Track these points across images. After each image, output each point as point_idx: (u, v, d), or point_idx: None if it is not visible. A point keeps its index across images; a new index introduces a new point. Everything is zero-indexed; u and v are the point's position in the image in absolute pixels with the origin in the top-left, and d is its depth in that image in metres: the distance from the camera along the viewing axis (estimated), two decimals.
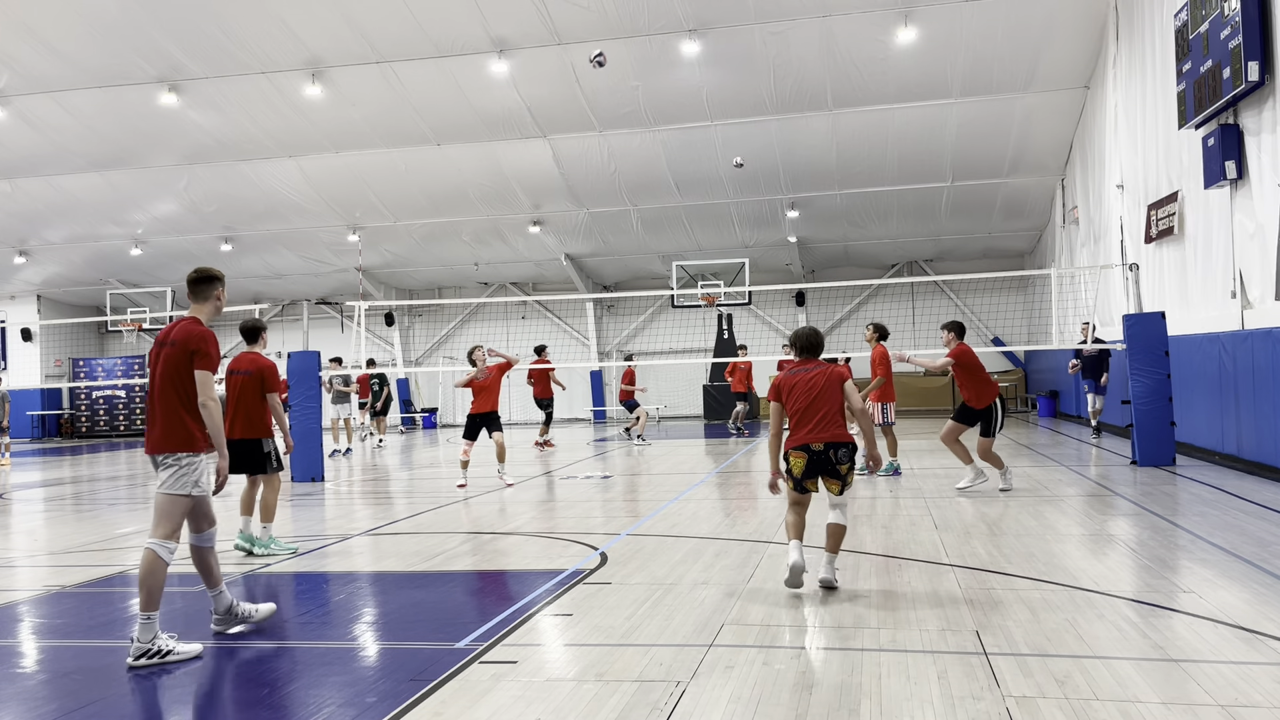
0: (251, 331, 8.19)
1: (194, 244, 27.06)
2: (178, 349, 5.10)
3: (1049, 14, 16.71)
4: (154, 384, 5.12)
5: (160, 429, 5.05)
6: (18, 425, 30.86)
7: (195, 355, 5.09)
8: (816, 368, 6.03)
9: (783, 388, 6.01)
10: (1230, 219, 11.54)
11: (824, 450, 5.83)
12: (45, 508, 11.83)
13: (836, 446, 5.84)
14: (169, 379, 5.08)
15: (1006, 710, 3.75)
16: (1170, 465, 11.51)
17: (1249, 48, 10.26)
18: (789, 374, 6.04)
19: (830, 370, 5.99)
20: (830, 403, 5.90)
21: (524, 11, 16.82)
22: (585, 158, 21.87)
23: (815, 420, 5.87)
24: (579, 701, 4.02)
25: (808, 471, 5.88)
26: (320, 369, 14.08)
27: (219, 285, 5.45)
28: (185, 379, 5.09)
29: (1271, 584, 5.60)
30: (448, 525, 9.09)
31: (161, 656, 4.77)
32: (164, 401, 5.07)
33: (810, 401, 5.89)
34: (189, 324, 5.23)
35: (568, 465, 14.75)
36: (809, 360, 6.13)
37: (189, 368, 5.09)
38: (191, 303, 5.38)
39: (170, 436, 5.04)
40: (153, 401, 5.12)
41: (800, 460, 5.87)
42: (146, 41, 17.79)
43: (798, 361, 6.17)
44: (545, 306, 30.72)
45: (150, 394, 5.16)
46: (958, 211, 24.23)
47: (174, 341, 5.12)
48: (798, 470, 5.90)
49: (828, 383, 5.93)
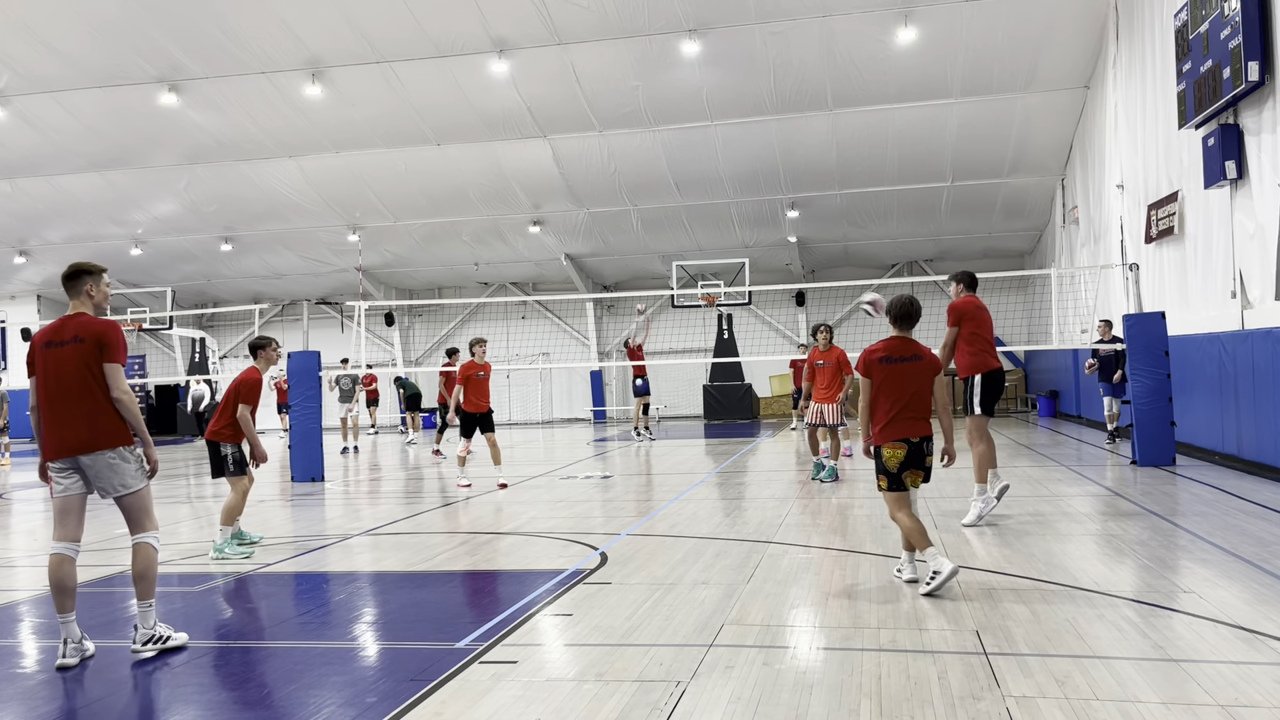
0: (252, 348, 8.50)
1: (194, 244, 27.07)
2: (87, 345, 4.91)
3: (1049, 14, 16.71)
4: (64, 384, 4.91)
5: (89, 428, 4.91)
6: (18, 425, 30.85)
7: (106, 349, 4.93)
8: (914, 357, 5.87)
9: (878, 370, 5.84)
10: (1230, 219, 11.54)
11: (920, 443, 5.79)
12: (45, 508, 11.82)
13: (929, 439, 5.82)
14: (84, 376, 4.91)
15: (1006, 710, 3.75)
16: (1170, 465, 11.51)
17: (1249, 48, 10.26)
18: (886, 360, 5.84)
19: (928, 362, 5.88)
20: (926, 395, 5.84)
21: (524, 11, 16.82)
22: (585, 158, 21.87)
23: (913, 412, 5.79)
24: (579, 701, 4.02)
25: (905, 464, 5.78)
26: (320, 369, 14.07)
27: (90, 279, 5.10)
28: (99, 374, 4.93)
29: (1271, 584, 5.60)
30: (448, 525, 9.09)
31: (164, 642, 4.95)
32: (85, 399, 4.91)
33: (912, 394, 5.80)
34: (87, 320, 5.00)
35: (568, 465, 14.75)
36: (908, 341, 5.93)
37: (99, 362, 4.92)
38: (71, 299, 5.10)
39: (103, 433, 4.94)
40: (68, 400, 4.92)
41: (900, 452, 5.77)
42: (146, 41, 17.79)
43: (894, 338, 5.93)
44: (545, 306, 30.72)
45: (55, 395, 4.94)
46: (958, 211, 24.23)
47: (79, 338, 4.92)
48: (895, 464, 5.78)
49: (925, 377, 5.86)
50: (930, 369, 5.88)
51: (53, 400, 4.96)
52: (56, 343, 4.96)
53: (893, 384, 5.81)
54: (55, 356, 4.95)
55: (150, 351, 33.11)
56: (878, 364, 5.84)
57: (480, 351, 12.14)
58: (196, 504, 11.67)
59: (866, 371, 5.89)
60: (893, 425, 5.79)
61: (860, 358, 6.00)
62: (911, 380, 5.81)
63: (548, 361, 30.15)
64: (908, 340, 5.93)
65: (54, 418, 4.96)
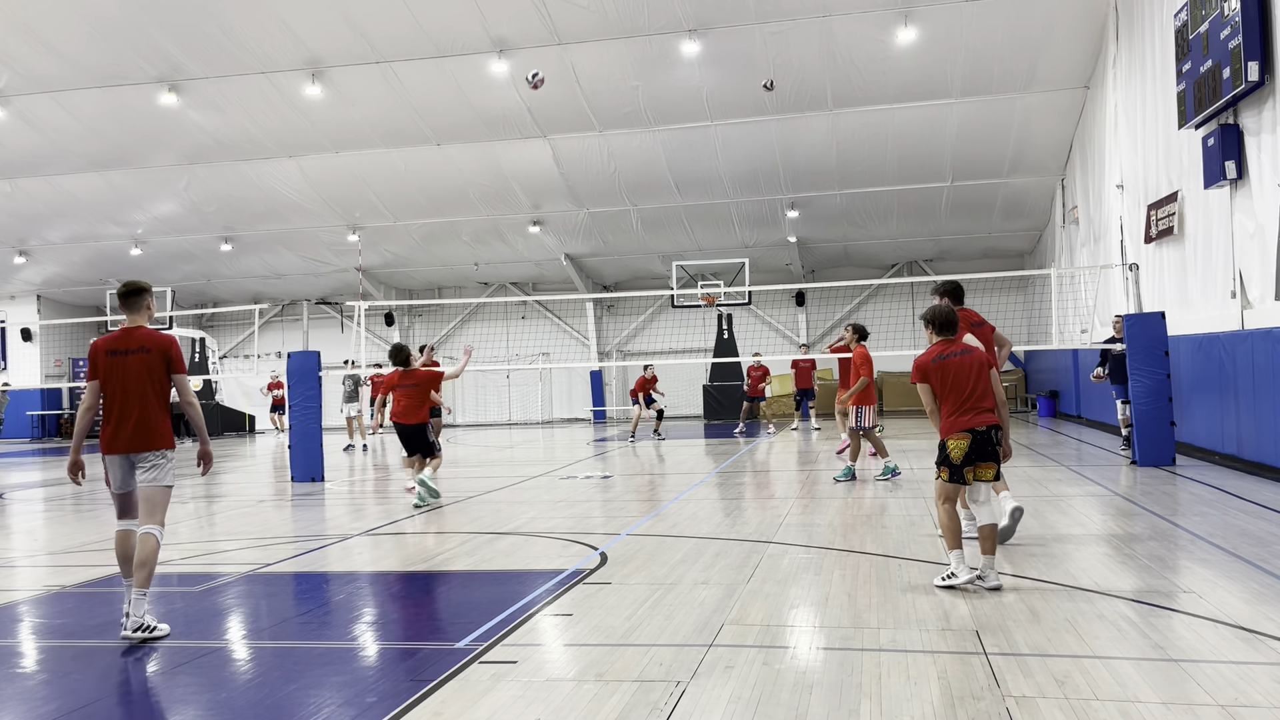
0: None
1: (194, 244, 27.07)
2: (153, 355, 5.46)
3: (1049, 14, 16.71)
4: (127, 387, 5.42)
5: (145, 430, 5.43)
6: (18, 424, 30.86)
7: (173, 361, 5.52)
8: (964, 350, 6.01)
9: (934, 371, 5.96)
10: (1230, 219, 11.53)
11: (986, 431, 5.82)
12: (45, 508, 11.83)
13: (995, 428, 5.86)
14: (147, 382, 5.45)
15: (1006, 710, 3.75)
16: (1170, 465, 11.51)
17: (1249, 48, 10.26)
18: (941, 358, 5.97)
19: (979, 354, 6.00)
20: (984, 385, 5.91)
21: (524, 11, 16.82)
22: (585, 158, 21.87)
23: (976, 403, 5.86)
24: (579, 701, 4.02)
25: (969, 456, 5.82)
26: (320, 369, 14.06)
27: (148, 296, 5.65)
28: (162, 382, 5.50)
29: (1271, 584, 5.60)
30: (448, 525, 9.09)
31: (150, 632, 5.23)
32: (144, 404, 5.43)
33: (972, 386, 5.88)
34: (150, 332, 5.54)
35: (568, 465, 14.75)
36: (951, 341, 6.09)
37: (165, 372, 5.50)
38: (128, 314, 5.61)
39: (156, 436, 5.45)
40: (128, 404, 5.42)
41: (964, 443, 5.82)
42: (146, 41, 17.79)
43: (940, 341, 6.09)
44: (545, 306, 30.72)
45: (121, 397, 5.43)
46: (958, 211, 24.23)
47: (145, 349, 5.46)
48: (959, 455, 5.83)
49: (980, 367, 5.94)
50: (983, 360, 5.97)
51: (114, 402, 5.46)
52: (120, 351, 5.47)
53: (952, 379, 5.91)
54: (120, 364, 5.46)
55: None
56: (933, 365, 5.97)
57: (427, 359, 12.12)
58: (197, 504, 11.67)
59: (923, 377, 6.01)
60: (957, 417, 5.86)
61: (915, 366, 6.09)
62: (969, 371, 5.90)
63: (548, 361, 30.15)
64: (950, 341, 6.08)
65: (118, 419, 5.45)
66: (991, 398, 5.91)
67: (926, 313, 6.22)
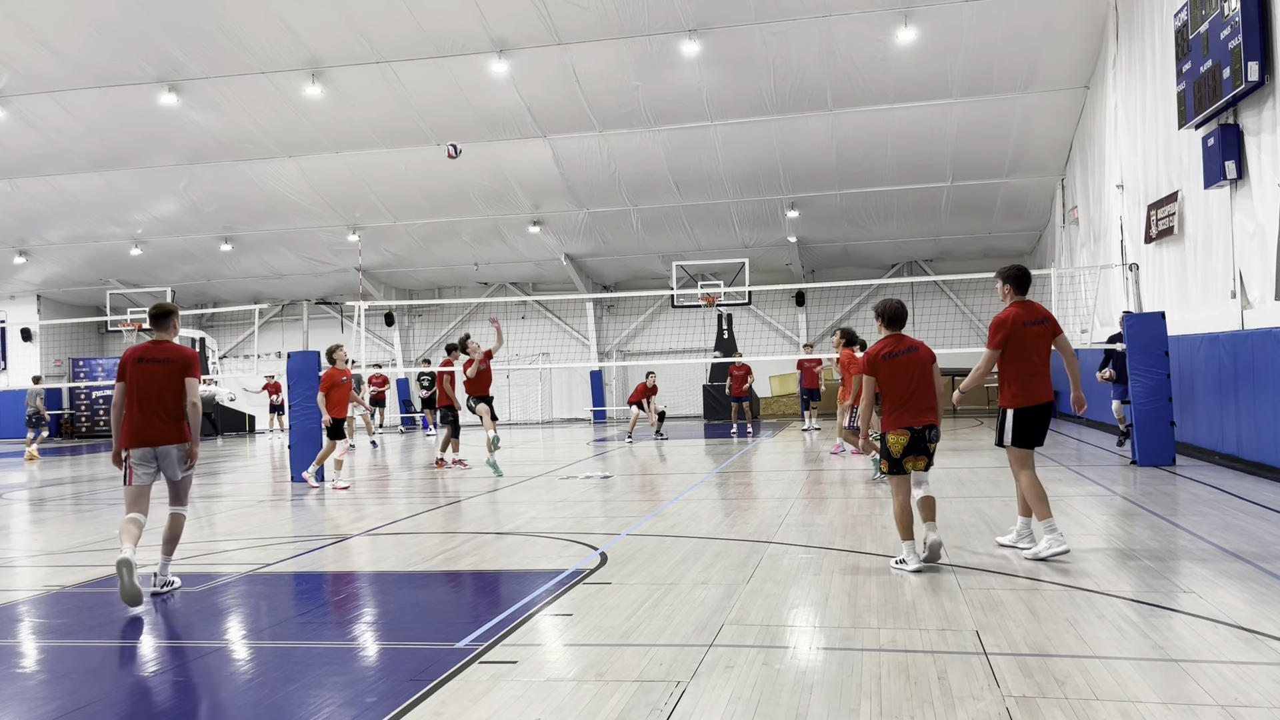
0: None
1: (194, 244, 27.06)
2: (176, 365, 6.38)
3: (1049, 14, 16.71)
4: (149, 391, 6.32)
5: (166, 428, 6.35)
6: (18, 425, 30.83)
7: (191, 368, 6.42)
8: (912, 349, 6.40)
9: (882, 366, 6.35)
10: (1230, 219, 11.53)
11: (923, 430, 6.27)
12: (45, 508, 11.82)
13: (931, 427, 6.30)
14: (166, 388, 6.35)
15: (1006, 710, 3.75)
16: (1170, 465, 11.51)
17: (1249, 48, 10.25)
18: (891, 355, 6.35)
19: (925, 353, 6.39)
20: (927, 385, 6.33)
21: (524, 11, 16.82)
22: (585, 158, 21.86)
23: (916, 402, 6.28)
24: (579, 701, 4.02)
25: (907, 450, 6.26)
26: (320, 369, 14.07)
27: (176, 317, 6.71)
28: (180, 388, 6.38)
29: (1271, 584, 5.60)
30: (448, 525, 9.09)
31: (172, 587, 6.48)
32: (163, 406, 6.35)
33: (914, 385, 6.29)
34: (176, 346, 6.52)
35: (568, 465, 14.75)
36: (901, 337, 6.48)
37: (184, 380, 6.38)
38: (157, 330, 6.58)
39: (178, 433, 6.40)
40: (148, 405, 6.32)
41: (904, 439, 6.26)
42: (146, 41, 17.79)
43: (889, 336, 6.48)
44: (545, 306, 30.72)
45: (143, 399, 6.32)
46: (958, 211, 24.22)
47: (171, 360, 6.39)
48: (898, 449, 6.27)
49: (924, 366, 6.35)
50: (930, 360, 6.37)
51: (140, 404, 6.33)
52: (149, 359, 6.39)
53: (896, 377, 6.31)
54: (146, 371, 6.35)
55: None
56: (882, 360, 6.36)
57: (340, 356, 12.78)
58: (197, 504, 11.67)
59: (871, 370, 6.40)
60: (900, 414, 6.28)
61: (863, 358, 6.53)
62: (914, 370, 6.31)
63: (548, 361, 30.15)
64: (901, 336, 6.49)
65: (141, 417, 6.33)
66: (931, 396, 6.32)
67: (878, 305, 6.60)
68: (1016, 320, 6.46)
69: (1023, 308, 6.56)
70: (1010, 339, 6.43)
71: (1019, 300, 6.61)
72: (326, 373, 12.75)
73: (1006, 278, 6.66)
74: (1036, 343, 6.47)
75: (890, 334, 6.49)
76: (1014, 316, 6.48)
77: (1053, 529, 6.35)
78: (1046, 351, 6.55)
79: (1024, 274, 6.68)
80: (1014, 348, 6.45)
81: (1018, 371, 6.46)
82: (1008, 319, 6.47)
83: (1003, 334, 6.46)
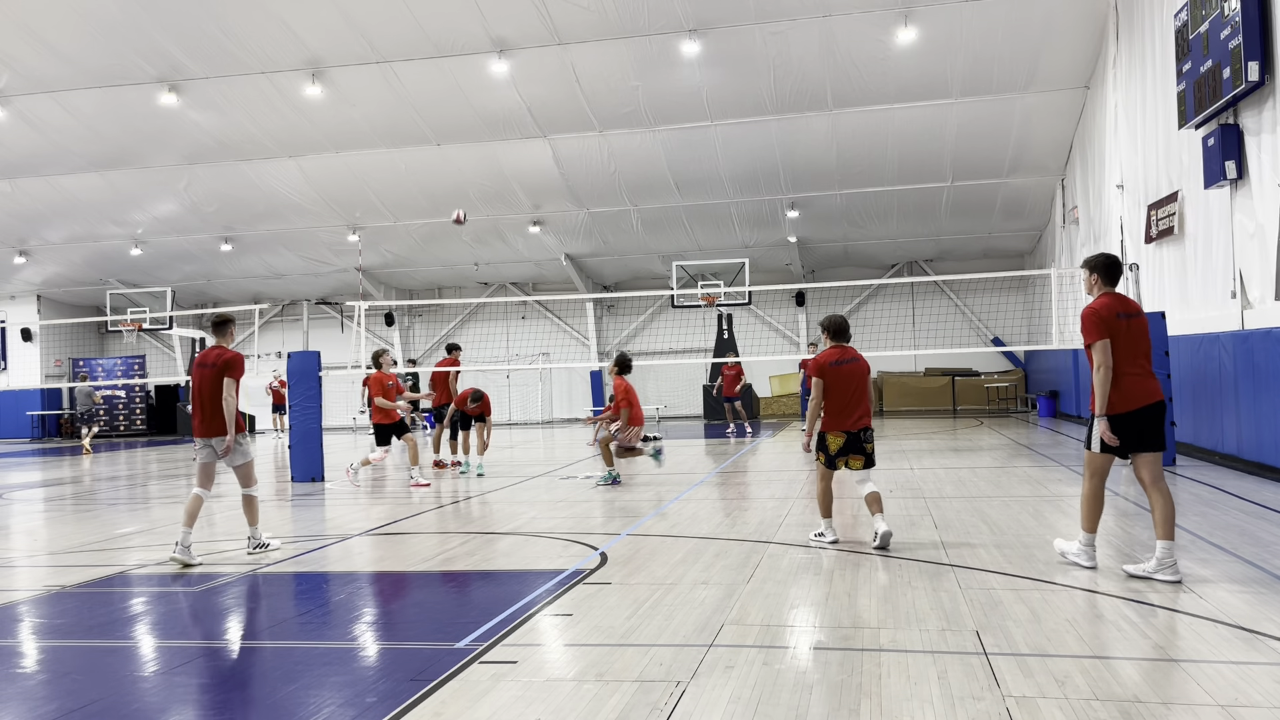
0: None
1: (194, 244, 27.06)
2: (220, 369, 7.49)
3: (1049, 14, 16.71)
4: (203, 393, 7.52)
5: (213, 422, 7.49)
6: (18, 425, 30.87)
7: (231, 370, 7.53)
8: (854, 360, 7.18)
9: (830, 373, 7.11)
10: (1230, 219, 11.54)
11: (859, 433, 7.10)
12: (45, 508, 11.82)
13: (866, 429, 7.13)
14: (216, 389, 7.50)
15: (1006, 710, 3.75)
16: (1170, 465, 11.50)
17: (1249, 48, 10.26)
18: (837, 364, 7.11)
19: (864, 365, 7.19)
20: (864, 392, 7.15)
21: (524, 11, 16.82)
22: (585, 158, 21.86)
23: (856, 408, 7.09)
24: (579, 701, 4.02)
25: (843, 450, 7.10)
26: (320, 369, 14.07)
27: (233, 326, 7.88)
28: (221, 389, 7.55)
29: (1271, 584, 5.60)
30: (448, 525, 9.09)
31: (265, 548, 7.72)
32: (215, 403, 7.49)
33: (854, 392, 7.10)
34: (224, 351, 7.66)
35: (568, 465, 14.75)
36: (845, 348, 7.25)
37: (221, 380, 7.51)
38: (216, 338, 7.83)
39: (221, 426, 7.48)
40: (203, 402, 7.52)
41: (841, 440, 7.10)
42: (146, 41, 17.79)
43: (835, 347, 7.25)
44: (545, 306, 30.72)
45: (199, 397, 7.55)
46: (958, 211, 24.22)
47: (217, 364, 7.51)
48: (835, 448, 7.11)
49: (863, 376, 7.17)
50: (865, 370, 7.17)
51: (195, 401, 7.58)
52: (204, 365, 7.57)
53: (841, 384, 7.10)
54: (199, 374, 7.56)
55: (150, 352, 33.10)
56: (830, 367, 7.13)
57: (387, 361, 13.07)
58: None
59: (820, 374, 7.14)
60: (840, 418, 7.10)
61: (813, 363, 7.24)
62: (855, 380, 7.13)
63: (548, 361, 30.15)
64: (845, 348, 7.27)
65: (195, 413, 7.58)
66: (867, 403, 7.15)
67: (824, 320, 7.37)
68: (1110, 311, 5.79)
69: (1115, 299, 5.91)
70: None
71: (1109, 292, 5.99)
72: (374, 376, 12.78)
73: (1094, 266, 6.05)
74: (1134, 336, 5.82)
75: (835, 345, 7.25)
76: (1106, 306, 5.82)
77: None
78: (1146, 346, 5.88)
79: (1114, 262, 6.04)
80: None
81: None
82: (1100, 309, 5.82)
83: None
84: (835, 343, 7.26)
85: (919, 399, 27.78)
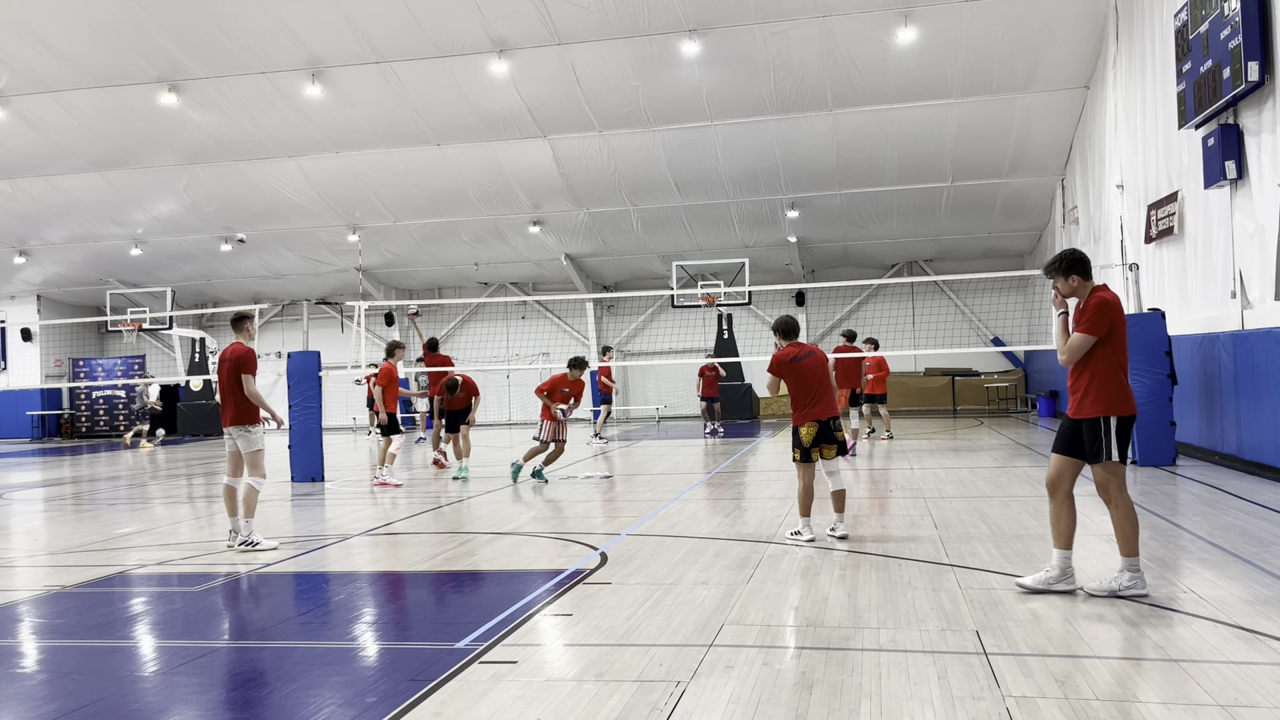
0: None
1: (194, 244, 27.06)
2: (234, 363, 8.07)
3: (1049, 14, 16.70)
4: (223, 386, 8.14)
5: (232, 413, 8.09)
6: (18, 425, 30.87)
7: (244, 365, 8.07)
8: (812, 353, 7.39)
9: (788, 369, 7.29)
10: (1230, 219, 11.53)
11: (828, 421, 7.28)
12: (45, 508, 11.82)
13: (834, 418, 7.33)
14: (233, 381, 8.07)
15: (1006, 710, 3.75)
16: (1170, 465, 11.51)
17: (1249, 48, 10.26)
18: (795, 359, 7.28)
19: (821, 356, 7.42)
20: (827, 382, 7.37)
21: (524, 11, 16.81)
22: (585, 158, 21.86)
23: (823, 398, 7.29)
24: (579, 701, 4.02)
25: (816, 439, 7.26)
26: (320, 369, 14.06)
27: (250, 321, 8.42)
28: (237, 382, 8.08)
29: (1271, 584, 5.60)
30: (447, 525, 9.09)
31: (254, 546, 7.81)
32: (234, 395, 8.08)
33: (819, 383, 7.29)
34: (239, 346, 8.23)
35: (568, 465, 14.75)
36: (800, 345, 7.47)
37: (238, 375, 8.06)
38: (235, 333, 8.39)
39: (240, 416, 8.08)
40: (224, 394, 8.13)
41: (813, 430, 7.25)
42: (146, 41, 17.78)
43: (790, 345, 7.45)
44: (545, 306, 30.71)
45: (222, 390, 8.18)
46: (958, 211, 24.22)
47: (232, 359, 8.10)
48: (809, 439, 7.25)
49: (823, 367, 7.41)
50: (823, 360, 7.41)
51: (220, 394, 8.27)
52: (224, 360, 8.16)
53: (805, 377, 7.28)
54: (220, 369, 8.20)
55: (150, 351, 33.09)
56: (788, 364, 7.32)
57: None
58: (197, 504, 11.68)
59: (779, 372, 7.36)
60: (809, 409, 7.27)
61: (772, 361, 7.41)
62: (816, 372, 7.32)
63: (548, 361, 30.14)
64: (800, 344, 7.49)
65: (221, 405, 8.25)
66: (831, 393, 7.36)
67: (775, 322, 7.61)
68: (1119, 307, 5.45)
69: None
70: (1115, 328, 5.42)
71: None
72: (384, 367, 12.74)
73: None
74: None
75: (789, 344, 7.46)
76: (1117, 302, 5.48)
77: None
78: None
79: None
80: (1117, 339, 5.45)
81: (1117, 369, 5.47)
82: (1113, 302, 5.44)
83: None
84: (787, 341, 7.49)
85: (919, 399, 27.78)
